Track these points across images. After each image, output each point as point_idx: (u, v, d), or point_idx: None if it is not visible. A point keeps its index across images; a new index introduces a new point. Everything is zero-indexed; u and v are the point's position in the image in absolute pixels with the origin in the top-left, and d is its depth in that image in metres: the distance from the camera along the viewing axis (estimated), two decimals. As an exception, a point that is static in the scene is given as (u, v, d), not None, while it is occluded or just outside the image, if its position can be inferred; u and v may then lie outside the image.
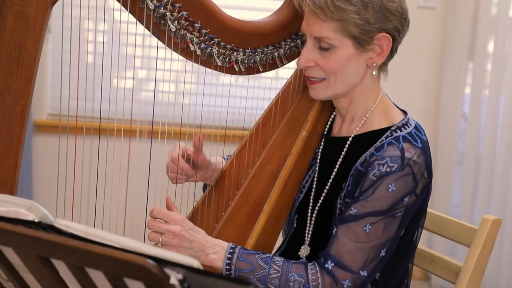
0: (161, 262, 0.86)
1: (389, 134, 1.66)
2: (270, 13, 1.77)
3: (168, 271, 0.86)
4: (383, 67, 1.71)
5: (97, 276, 0.93)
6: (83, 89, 1.77)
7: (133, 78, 3.57)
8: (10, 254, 1.01)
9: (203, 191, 1.94)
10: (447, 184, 3.67)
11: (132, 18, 1.56)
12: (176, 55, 1.65)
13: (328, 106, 1.81)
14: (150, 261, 0.85)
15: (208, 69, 1.68)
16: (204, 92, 1.73)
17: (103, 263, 0.89)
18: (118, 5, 1.54)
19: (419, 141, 1.63)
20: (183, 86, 3.36)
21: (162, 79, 3.36)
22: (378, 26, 1.61)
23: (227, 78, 1.74)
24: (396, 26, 1.63)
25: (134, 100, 3.39)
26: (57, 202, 1.56)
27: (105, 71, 1.59)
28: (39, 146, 3.63)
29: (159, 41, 1.61)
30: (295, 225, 1.80)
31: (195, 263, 0.87)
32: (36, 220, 0.98)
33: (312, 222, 1.74)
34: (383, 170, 1.59)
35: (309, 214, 1.75)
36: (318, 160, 1.78)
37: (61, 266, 0.97)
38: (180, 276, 0.85)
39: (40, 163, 3.65)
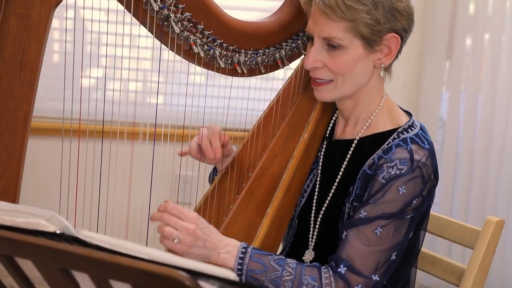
0: (194, 274, 0.84)
1: (396, 136, 1.64)
2: (270, 13, 1.75)
3: (202, 283, 0.83)
4: (388, 68, 1.69)
5: (121, 288, 0.91)
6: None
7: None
8: (28, 266, 0.98)
9: (210, 182, 1.91)
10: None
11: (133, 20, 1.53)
12: (178, 56, 1.62)
13: (330, 108, 1.79)
14: (184, 274, 0.82)
15: (210, 71, 1.66)
16: (206, 93, 1.70)
17: (132, 276, 0.86)
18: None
19: (426, 142, 1.62)
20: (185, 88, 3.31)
21: (165, 81, 3.31)
22: (388, 26, 1.60)
23: (228, 79, 1.71)
24: (404, 26, 1.63)
25: (127, 102, 3.33)
26: (60, 206, 1.52)
27: (107, 72, 1.56)
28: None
29: (161, 43, 1.58)
30: (296, 230, 1.77)
31: (231, 275, 0.84)
32: (58, 232, 0.95)
33: (317, 226, 1.72)
34: (393, 172, 1.57)
35: (312, 219, 1.73)
36: (321, 164, 1.76)
37: (82, 278, 0.94)
38: (215, 288, 0.83)
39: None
